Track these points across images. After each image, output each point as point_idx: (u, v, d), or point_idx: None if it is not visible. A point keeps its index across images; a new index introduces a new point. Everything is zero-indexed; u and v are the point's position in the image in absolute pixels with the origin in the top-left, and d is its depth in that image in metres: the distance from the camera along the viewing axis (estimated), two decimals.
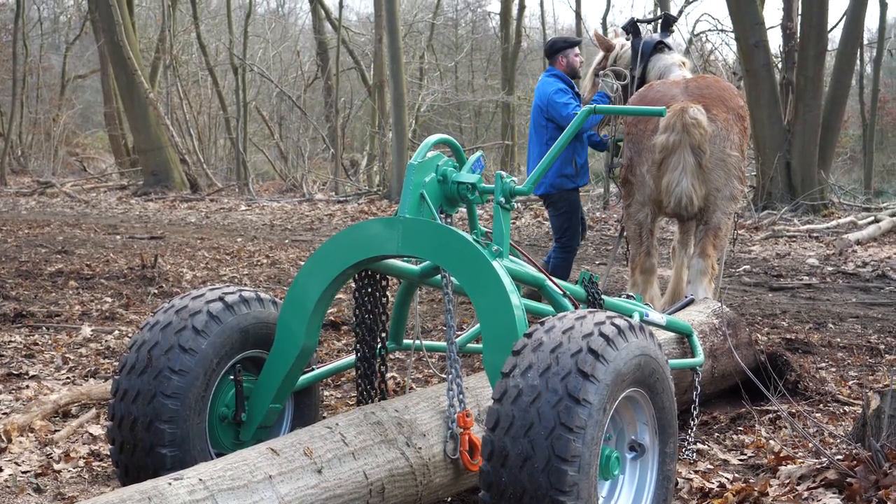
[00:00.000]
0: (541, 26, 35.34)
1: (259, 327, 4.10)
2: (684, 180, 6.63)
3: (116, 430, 3.87)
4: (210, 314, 3.95)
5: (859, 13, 18.92)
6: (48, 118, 35.37)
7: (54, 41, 41.26)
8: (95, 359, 7.30)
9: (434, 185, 4.15)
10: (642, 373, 3.54)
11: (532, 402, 3.25)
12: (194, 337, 3.88)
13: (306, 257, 12.56)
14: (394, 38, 21.62)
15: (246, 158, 27.59)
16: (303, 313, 4.03)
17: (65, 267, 11.49)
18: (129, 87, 25.52)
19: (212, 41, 33.74)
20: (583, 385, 3.25)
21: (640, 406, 3.69)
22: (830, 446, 4.98)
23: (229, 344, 3.99)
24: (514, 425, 3.25)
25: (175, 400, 3.81)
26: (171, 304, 4.02)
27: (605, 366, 3.32)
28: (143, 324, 4.01)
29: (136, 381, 3.84)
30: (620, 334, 3.45)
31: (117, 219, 19.24)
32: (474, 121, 36.96)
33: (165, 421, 3.80)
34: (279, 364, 4.06)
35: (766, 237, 14.97)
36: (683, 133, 6.58)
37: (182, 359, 3.83)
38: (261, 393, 4.08)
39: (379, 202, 21.32)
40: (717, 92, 6.94)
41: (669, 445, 3.79)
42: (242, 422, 4.09)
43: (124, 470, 3.89)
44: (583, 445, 3.21)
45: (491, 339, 3.73)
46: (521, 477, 3.21)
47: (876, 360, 7.34)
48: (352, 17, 39.92)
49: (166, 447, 3.80)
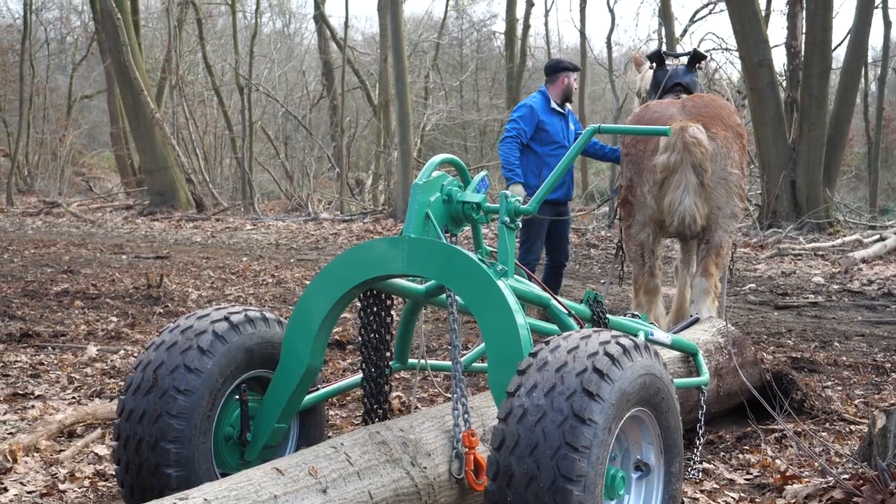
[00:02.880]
0: (545, 45, 35.43)
1: (264, 347, 4.10)
2: (687, 199, 6.61)
3: (122, 449, 3.86)
4: (216, 334, 3.95)
5: (863, 31, 18.95)
6: (55, 138, 35.51)
7: (61, 62, 41.43)
8: (101, 378, 7.30)
9: (439, 205, 4.15)
10: (647, 392, 3.54)
11: (537, 422, 3.24)
12: (200, 357, 3.87)
13: (312, 276, 12.60)
14: (399, 58, 21.68)
15: (251, 178, 27.66)
16: (308, 333, 4.04)
17: (70, 287, 11.50)
18: (135, 107, 25.60)
19: (218, 61, 33.85)
20: (588, 405, 3.25)
21: (646, 425, 3.69)
22: (836, 465, 4.97)
23: (235, 364, 3.98)
24: (519, 445, 3.24)
25: (180, 420, 3.80)
26: (176, 323, 4.01)
27: (610, 385, 3.32)
28: (148, 343, 4.01)
29: (142, 401, 3.83)
30: (625, 354, 3.44)
31: (123, 238, 19.27)
32: (479, 140, 37.02)
33: (171, 441, 3.79)
34: (284, 383, 4.06)
35: (771, 255, 14.96)
36: (684, 152, 6.55)
37: (188, 378, 3.82)
38: (266, 412, 4.08)
39: (384, 221, 21.34)
40: (715, 110, 6.93)
41: (675, 465, 3.78)
42: (248, 442, 4.08)
43: (130, 490, 3.88)
44: (588, 465, 3.21)
45: (496, 359, 3.72)
46: (526, 496, 3.21)
47: (882, 379, 7.32)
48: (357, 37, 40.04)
49: (171, 467, 3.79)
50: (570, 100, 8.75)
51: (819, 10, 18.31)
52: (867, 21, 18.92)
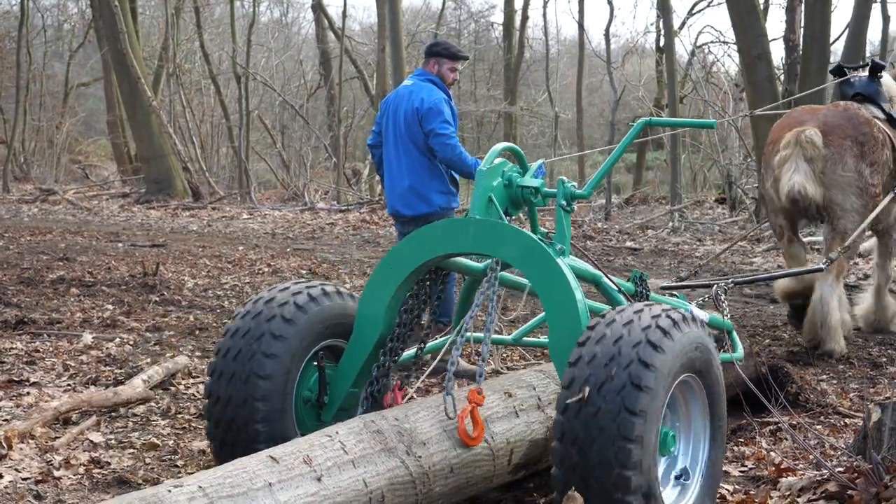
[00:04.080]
0: (544, 37, 35.36)
1: (338, 318, 4.53)
2: (796, 176, 7.44)
3: (213, 407, 4.31)
4: (296, 305, 4.38)
5: (862, 26, 18.92)
6: (51, 126, 35.38)
7: (58, 49, 41.30)
8: (96, 366, 7.30)
9: (501, 189, 4.58)
10: (695, 360, 3.95)
11: (598, 389, 3.65)
12: (283, 325, 4.31)
13: (308, 266, 12.62)
14: (397, 48, 21.63)
15: (248, 167, 27.59)
16: (380, 305, 4.48)
17: (66, 274, 11.49)
18: (132, 95, 25.51)
19: (215, 50, 33.73)
20: (643, 373, 3.66)
21: (694, 390, 4.10)
22: (831, 458, 4.98)
23: (313, 333, 4.41)
24: (582, 410, 3.65)
25: (267, 381, 4.24)
26: (259, 296, 4.48)
27: (662, 355, 3.73)
28: (235, 314, 4.48)
29: (233, 364, 4.29)
30: (675, 326, 3.84)
31: (119, 226, 19.25)
32: (477, 131, 36.97)
33: (259, 399, 4.23)
34: (359, 351, 4.50)
35: (767, 249, 14.96)
36: (797, 147, 7.50)
37: (273, 344, 4.27)
38: (341, 377, 4.51)
39: (380, 211, 21.29)
40: (841, 121, 7.77)
41: (719, 426, 4.21)
42: (324, 404, 4.51)
43: (220, 444, 4.32)
44: (644, 426, 3.63)
45: (557, 330, 4.18)
46: (590, 455, 3.62)
47: (877, 373, 7.34)
48: (355, 27, 39.94)
49: (259, 423, 4.22)
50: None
51: (818, 4, 18.27)
52: (866, 15, 18.88)
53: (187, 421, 6.06)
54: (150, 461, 5.31)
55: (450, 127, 7.12)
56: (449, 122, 7.14)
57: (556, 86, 35.51)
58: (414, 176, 7.22)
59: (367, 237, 17.23)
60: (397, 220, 7.49)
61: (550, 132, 33.84)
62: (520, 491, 4.83)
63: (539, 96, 36.39)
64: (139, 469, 5.15)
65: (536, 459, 4.56)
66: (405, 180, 7.24)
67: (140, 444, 5.57)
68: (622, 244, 15.81)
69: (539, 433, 4.51)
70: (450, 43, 7.90)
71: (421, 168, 7.21)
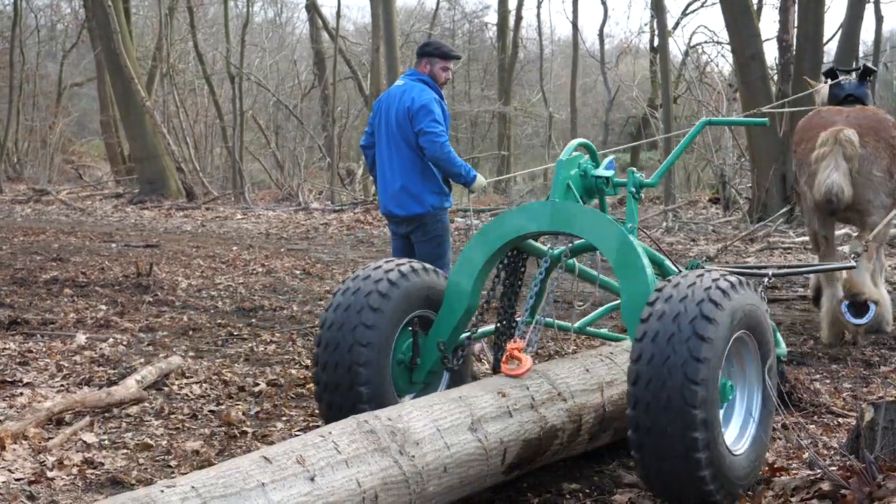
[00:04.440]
0: (538, 37, 35.42)
1: (426, 291, 5.12)
2: (835, 174, 7.66)
3: (321, 373, 4.92)
4: (390, 281, 4.97)
5: (855, 26, 18.95)
6: (44, 126, 35.33)
7: (51, 49, 41.22)
8: (90, 366, 7.29)
9: (577, 179, 5.26)
10: (749, 319, 4.48)
11: (668, 340, 4.19)
12: (380, 299, 4.90)
13: (302, 266, 12.61)
14: (391, 48, 21.64)
15: (242, 167, 27.56)
16: (469, 278, 5.11)
17: (60, 274, 11.47)
18: (125, 95, 25.47)
19: (209, 50, 33.72)
20: (706, 326, 4.20)
21: (748, 346, 4.62)
22: (825, 458, 4.99)
23: (405, 304, 5.00)
24: (654, 358, 4.20)
25: (368, 348, 4.84)
26: (354, 274, 5.09)
27: (721, 312, 4.26)
28: (335, 290, 5.10)
29: (337, 334, 4.87)
30: (732, 288, 4.38)
31: (113, 227, 19.23)
32: (471, 131, 36.98)
33: (362, 365, 4.82)
34: (449, 319, 5.12)
35: (761, 249, 14.98)
36: (836, 145, 7.72)
37: (372, 316, 4.86)
38: (432, 343, 5.13)
39: (374, 211, 21.26)
40: (872, 123, 8.09)
41: (769, 379, 4.71)
42: (416, 366, 5.15)
43: (327, 405, 4.91)
44: (707, 372, 4.16)
45: (629, 295, 4.77)
46: (661, 396, 4.15)
47: (870, 372, 7.35)
48: (349, 27, 39.95)
49: (363, 385, 4.82)
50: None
51: (811, 4, 18.30)
52: (859, 16, 18.91)
53: (181, 421, 6.05)
54: (143, 461, 5.30)
55: (439, 126, 7.04)
56: (439, 121, 7.06)
57: (550, 86, 35.55)
58: (406, 176, 7.16)
59: (362, 237, 17.22)
60: (390, 221, 7.47)
61: (544, 132, 33.89)
62: (514, 491, 4.83)
63: (533, 96, 36.44)
64: (132, 469, 5.14)
65: (530, 459, 4.57)
66: (397, 180, 7.19)
67: (133, 444, 5.56)
68: None
69: (532, 433, 4.51)
70: (442, 42, 7.87)
71: (413, 168, 7.15)
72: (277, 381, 6.97)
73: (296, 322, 9.18)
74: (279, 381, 6.97)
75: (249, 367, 7.46)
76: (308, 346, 8.14)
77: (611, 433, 5.15)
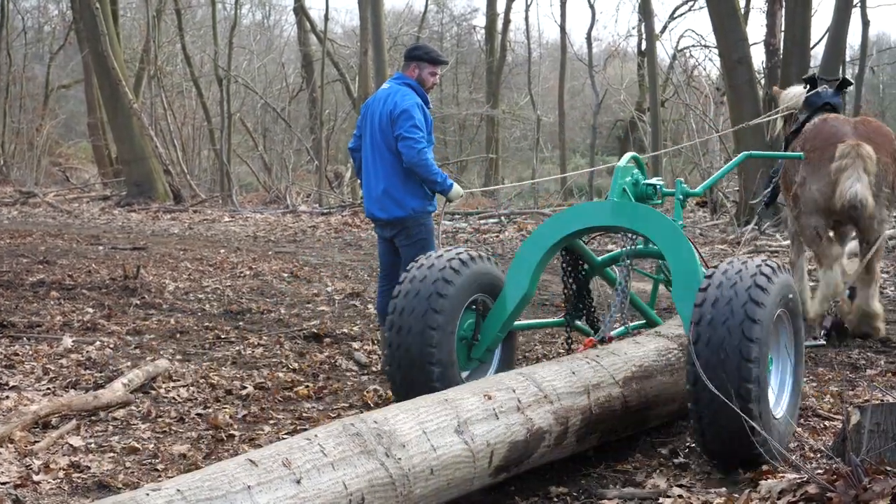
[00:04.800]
0: (526, 40, 35.44)
1: (484, 277, 5.70)
2: (858, 185, 7.95)
3: (394, 354, 5.46)
4: (453, 268, 5.52)
5: (842, 30, 19.00)
6: (31, 128, 35.16)
7: (38, 51, 41.09)
8: (76, 370, 7.27)
9: (630, 186, 5.97)
10: (787, 299, 5.10)
11: (723, 322, 4.75)
12: (445, 285, 5.46)
13: (290, 269, 12.60)
14: (379, 51, 21.63)
15: (230, 170, 27.51)
16: (529, 267, 5.74)
17: (46, 277, 11.44)
18: (113, 97, 25.39)
19: (197, 52, 33.65)
20: (755, 309, 4.77)
21: (784, 323, 5.25)
22: (811, 461, 5.00)
23: (466, 289, 5.56)
24: (711, 339, 4.76)
25: (437, 330, 5.40)
26: (419, 263, 5.61)
27: (767, 295, 4.85)
28: (402, 279, 5.61)
29: (408, 319, 5.42)
30: (774, 272, 4.97)
31: (100, 229, 19.17)
32: (459, 134, 36.99)
33: (434, 346, 5.40)
34: (507, 303, 5.74)
35: (748, 252, 15.01)
36: (858, 159, 8.02)
37: (439, 301, 5.43)
38: (490, 324, 5.79)
39: (362, 214, 21.25)
40: (881, 138, 8.43)
41: (800, 353, 5.42)
42: (476, 342, 5.80)
43: (399, 384, 5.49)
44: (758, 349, 4.75)
45: (680, 281, 5.44)
46: (718, 374, 4.69)
47: (856, 375, 7.37)
48: (337, 30, 39.88)
49: (434, 365, 5.39)
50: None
51: (798, 8, 18.35)
52: (845, 19, 18.97)
53: (168, 425, 6.04)
54: (130, 465, 5.28)
55: (419, 132, 7.00)
56: (419, 126, 7.02)
57: (538, 89, 35.55)
58: (388, 179, 7.15)
59: (349, 240, 17.21)
60: (375, 224, 7.47)
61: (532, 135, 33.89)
62: (501, 494, 4.83)
63: (521, 99, 36.45)
64: (119, 473, 5.13)
65: (517, 461, 4.57)
66: (380, 184, 7.17)
67: (120, 447, 5.55)
68: (604, 247, 15.83)
69: (519, 435, 4.51)
70: (430, 47, 7.87)
71: (395, 172, 7.13)
72: (265, 385, 6.96)
73: (283, 325, 9.17)
74: (266, 385, 6.96)
75: (237, 370, 7.44)
76: (295, 350, 8.14)
77: (597, 435, 5.16)
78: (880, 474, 4.11)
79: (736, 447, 4.80)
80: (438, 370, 5.40)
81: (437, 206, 7.50)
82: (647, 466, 5.24)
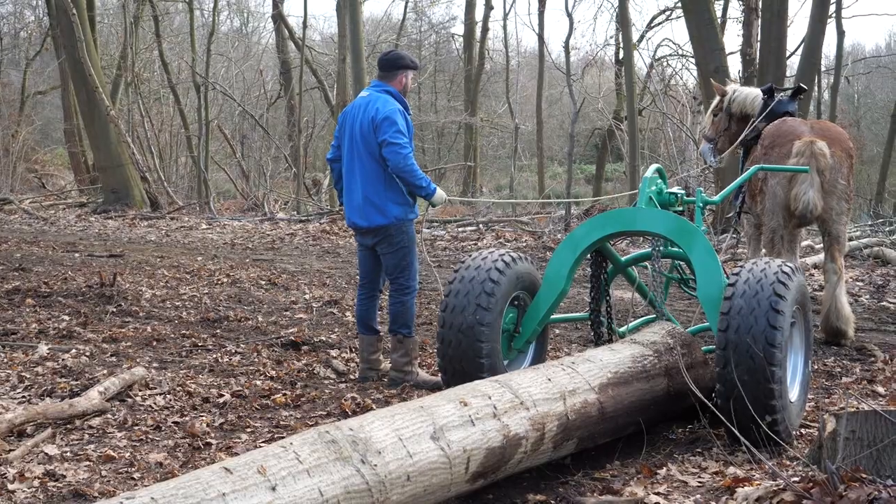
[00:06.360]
0: (504, 49, 35.51)
1: (525, 275, 6.21)
2: (810, 191, 8.37)
3: (446, 348, 5.97)
4: (497, 269, 6.02)
5: (817, 41, 19.13)
6: (7, 134, 34.94)
7: (14, 57, 40.91)
8: (52, 377, 7.22)
9: (655, 194, 6.62)
10: (801, 297, 5.69)
11: (751, 313, 5.35)
12: (491, 284, 5.96)
13: (267, 276, 12.57)
14: (357, 59, 21.63)
15: (207, 177, 27.43)
16: (565, 266, 6.27)
17: (22, 284, 11.37)
18: (89, 104, 25.29)
19: (174, 59, 33.56)
20: (779, 302, 5.37)
21: (798, 319, 5.82)
22: (787, 468, 5.02)
23: (509, 287, 6.06)
24: (740, 328, 5.36)
25: (485, 326, 5.89)
26: (465, 264, 6.10)
27: (787, 291, 5.45)
28: (450, 278, 6.10)
29: (459, 316, 5.91)
30: (792, 272, 5.58)
31: (76, 236, 19.08)
32: (437, 142, 37.04)
33: (483, 341, 5.88)
34: (545, 299, 6.28)
35: (726, 261, 15.06)
36: (812, 158, 8.36)
37: (486, 299, 5.93)
38: (529, 319, 6.32)
39: (340, 222, 21.23)
40: (835, 134, 8.88)
41: (810, 347, 6.09)
42: (518, 333, 6.33)
43: (451, 375, 5.92)
44: (781, 338, 5.34)
45: (704, 280, 5.99)
46: (745, 358, 5.31)
47: (832, 383, 7.40)
48: (315, 37, 39.86)
49: (483, 358, 5.88)
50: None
51: (774, 19, 18.46)
52: (821, 30, 19.09)
53: (144, 433, 6.01)
54: (106, 474, 5.26)
55: (403, 137, 7.03)
56: (403, 132, 7.04)
57: (516, 97, 35.65)
58: (369, 187, 7.14)
59: (327, 248, 17.18)
60: (356, 232, 7.46)
61: (510, 143, 33.97)
62: (479, 502, 4.83)
63: (499, 107, 36.53)
64: (95, 482, 5.10)
65: (494, 468, 4.56)
66: (361, 192, 7.17)
67: (96, 456, 5.52)
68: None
69: (495, 441, 4.51)
70: (406, 52, 7.93)
71: (376, 179, 7.13)
72: (242, 393, 6.94)
73: (261, 333, 9.15)
74: (244, 393, 6.94)
75: (214, 378, 7.42)
76: (273, 357, 8.12)
77: (574, 442, 5.16)
78: (856, 482, 4.13)
79: (757, 410, 5.31)
80: (487, 362, 5.87)
81: (419, 212, 7.51)
82: (625, 474, 5.25)
